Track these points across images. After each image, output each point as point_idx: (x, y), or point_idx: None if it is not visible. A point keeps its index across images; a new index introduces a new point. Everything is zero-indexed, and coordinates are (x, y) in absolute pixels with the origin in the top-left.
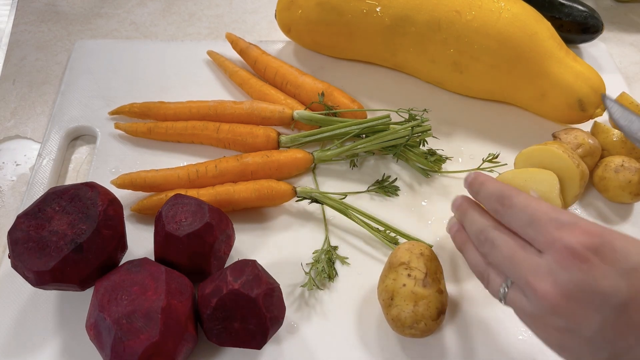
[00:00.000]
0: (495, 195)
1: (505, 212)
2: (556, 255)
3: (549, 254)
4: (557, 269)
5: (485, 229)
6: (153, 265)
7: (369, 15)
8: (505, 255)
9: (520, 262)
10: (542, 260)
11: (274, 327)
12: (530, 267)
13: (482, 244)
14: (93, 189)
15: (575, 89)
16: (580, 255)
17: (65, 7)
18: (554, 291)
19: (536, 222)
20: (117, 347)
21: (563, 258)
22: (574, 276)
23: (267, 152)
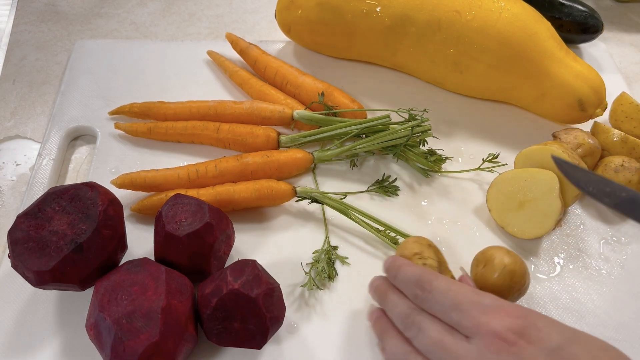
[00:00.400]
0: (414, 280)
1: (425, 297)
2: (485, 341)
3: (476, 339)
4: (487, 354)
5: (410, 313)
6: (153, 265)
7: (369, 15)
8: (434, 340)
9: (450, 348)
10: (471, 346)
11: (274, 327)
12: (460, 354)
13: (407, 329)
14: (93, 189)
15: (575, 89)
16: (508, 339)
17: (65, 7)
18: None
19: (459, 307)
20: (117, 347)
21: (492, 343)
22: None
23: (267, 152)
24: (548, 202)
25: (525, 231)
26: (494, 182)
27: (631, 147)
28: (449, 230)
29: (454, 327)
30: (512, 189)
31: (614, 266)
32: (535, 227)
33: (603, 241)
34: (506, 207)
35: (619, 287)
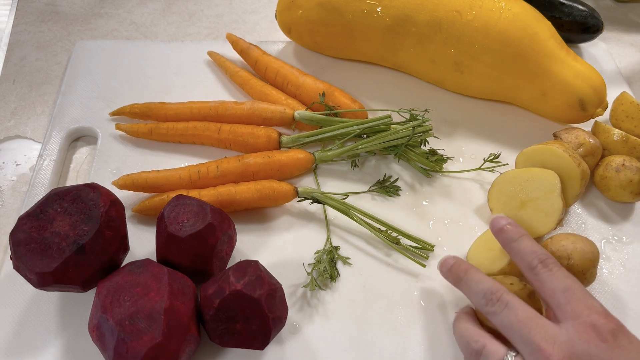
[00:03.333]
0: (540, 256)
1: (545, 272)
2: (578, 327)
3: (569, 324)
4: (576, 339)
5: (499, 290)
6: (155, 266)
7: (369, 16)
8: (521, 317)
9: (536, 327)
10: (560, 329)
11: (277, 327)
12: (546, 333)
13: (490, 303)
14: (95, 190)
15: (576, 88)
16: (601, 334)
17: (65, 7)
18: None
19: (571, 292)
20: (120, 348)
21: (585, 331)
22: (591, 350)
23: (268, 153)
24: (549, 202)
25: (527, 231)
26: (495, 182)
27: (632, 146)
28: (450, 230)
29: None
30: (513, 188)
31: (615, 265)
32: (537, 226)
33: (604, 240)
34: (507, 206)
35: (621, 286)
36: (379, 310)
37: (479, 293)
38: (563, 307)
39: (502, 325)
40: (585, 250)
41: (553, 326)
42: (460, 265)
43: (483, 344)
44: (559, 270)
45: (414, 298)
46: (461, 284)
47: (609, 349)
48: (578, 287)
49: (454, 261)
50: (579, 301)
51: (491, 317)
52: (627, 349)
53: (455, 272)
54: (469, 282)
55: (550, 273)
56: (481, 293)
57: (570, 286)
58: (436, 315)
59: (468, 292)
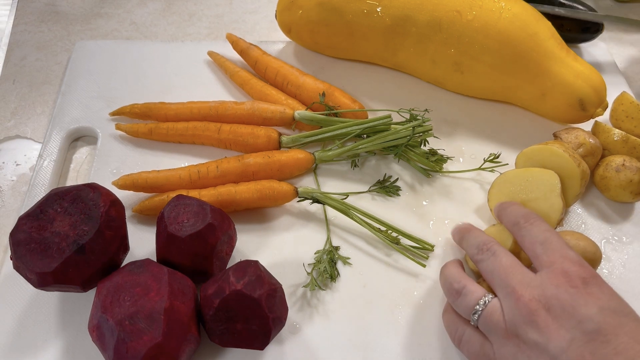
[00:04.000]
0: (524, 213)
1: (526, 227)
2: (550, 274)
3: (544, 272)
4: (547, 284)
5: (490, 242)
6: (155, 266)
7: (369, 16)
8: (503, 264)
9: (514, 273)
10: (535, 276)
11: (277, 327)
12: (522, 279)
13: (480, 252)
14: (95, 190)
15: (576, 88)
16: (572, 280)
17: (65, 7)
18: (536, 301)
19: (548, 244)
20: (120, 348)
21: (556, 277)
22: (560, 293)
23: (268, 153)
24: (549, 202)
25: None
26: (495, 182)
27: (632, 146)
28: (450, 230)
29: (532, 258)
30: (513, 188)
31: (615, 265)
32: None
33: (604, 240)
34: None
35: (621, 286)
36: (379, 310)
37: (473, 245)
38: (540, 257)
39: (486, 271)
40: (587, 250)
41: (529, 273)
42: (466, 226)
43: (464, 284)
44: (540, 224)
45: (414, 298)
46: (463, 241)
47: (577, 294)
48: (556, 239)
49: (464, 225)
50: (555, 251)
51: (478, 265)
52: (597, 296)
53: (460, 231)
54: (468, 238)
55: (531, 227)
56: (475, 244)
57: (548, 238)
58: (436, 315)
59: (466, 246)
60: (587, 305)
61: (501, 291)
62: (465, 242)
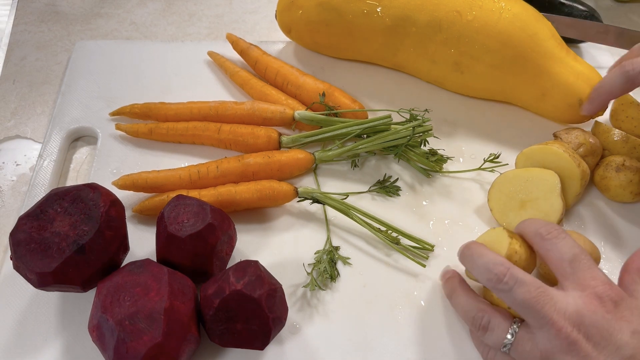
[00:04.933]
0: (544, 226)
1: (550, 241)
2: (585, 299)
3: (577, 295)
4: (584, 311)
5: (510, 269)
6: (155, 266)
7: (369, 16)
8: (532, 293)
9: (546, 301)
10: (567, 300)
11: (277, 327)
12: (556, 306)
13: (501, 283)
14: (95, 190)
15: (576, 88)
16: (605, 305)
17: (65, 7)
18: (577, 330)
19: (577, 263)
20: (120, 348)
21: (591, 302)
22: (597, 321)
23: (268, 153)
24: (549, 202)
25: None
26: (495, 182)
27: (632, 146)
28: (450, 230)
29: (560, 278)
30: (513, 188)
31: (615, 265)
32: None
33: (604, 240)
34: (507, 206)
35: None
36: (379, 310)
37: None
38: (570, 278)
39: (514, 302)
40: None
41: (561, 297)
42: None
43: (488, 318)
44: (566, 238)
45: (414, 298)
46: (472, 268)
47: (612, 320)
48: (584, 256)
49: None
50: (585, 271)
51: (501, 295)
52: (629, 319)
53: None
54: (477, 263)
55: (557, 241)
56: (491, 274)
57: (577, 256)
58: (436, 315)
59: (478, 273)
60: (622, 330)
61: (536, 322)
62: (478, 267)
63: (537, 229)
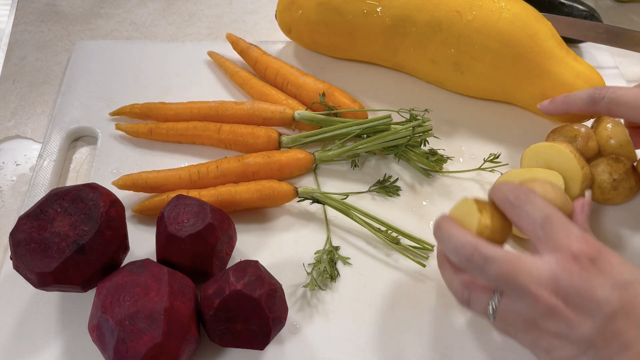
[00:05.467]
0: (512, 190)
1: (519, 207)
2: (560, 261)
3: (551, 257)
4: (559, 274)
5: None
6: (155, 266)
7: (369, 16)
8: (504, 269)
9: (520, 271)
10: (543, 265)
11: (277, 327)
12: (531, 275)
13: (471, 264)
14: (95, 190)
15: (576, 88)
16: (582, 263)
17: (65, 7)
18: (555, 296)
19: (548, 224)
20: (120, 348)
21: (566, 263)
22: (574, 281)
23: (268, 153)
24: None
25: None
26: (497, 182)
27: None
28: None
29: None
30: None
31: None
32: None
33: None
34: None
35: None
36: (379, 310)
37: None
38: (543, 241)
39: (487, 279)
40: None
41: (535, 264)
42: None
43: (468, 294)
44: (534, 200)
45: (414, 298)
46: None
47: (591, 277)
48: (556, 216)
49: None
50: (558, 232)
51: (475, 273)
52: (608, 273)
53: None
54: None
55: (525, 206)
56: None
57: (547, 216)
58: (436, 315)
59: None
60: (602, 286)
61: (514, 293)
62: (447, 250)
63: (505, 195)
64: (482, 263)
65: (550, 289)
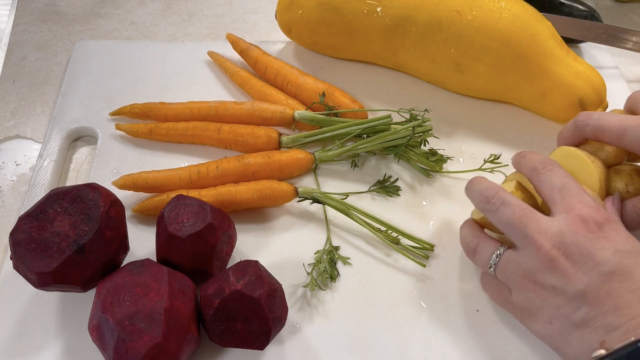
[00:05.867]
0: (542, 160)
1: (544, 173)
2: (568, 220)
3: (562, 217)
4: (566, 230)
5: (499, 192)
6: (155, 266)
7: (369, 16)
8: (516, 213)
9: (529, 221)
10: (552, 222)
11: (277, 327)
12: (538, 226)
13: (488, 202)
14: (95, 190)
15: (576, 88)
16: (589, 225)
17: (65, 7)
18: (556, 248)
19: (566, 190)
20: (120, 348)
21: (574, 222)
22: (578, 239)
23: (268, 153)
24: None
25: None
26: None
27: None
28: (450, 230)
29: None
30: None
31: None
32: None
33: None
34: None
35: None
36: (379, 310)
37: (478, 194)
38: (558, 203)
39: (499, 222)
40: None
41: (544, 219)
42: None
43: (477, 242)
44: (558, 170)
45: (414, 298)
46: (467, 191)
47: (594, 239)
48: (574, 185)
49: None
50: (573, 197)
51: (488, 215)
52: (613, 239)
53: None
54: (472, 188)
55: (549, 173)
56: (480, 194)
57: (566, 184)
58: (437, 315)
59: (471, 196)
60: (604, 248)
61: (519, 241)
62: (475, 192)
63: (535, 163)
64: (498, 205)
65: (554, 242)
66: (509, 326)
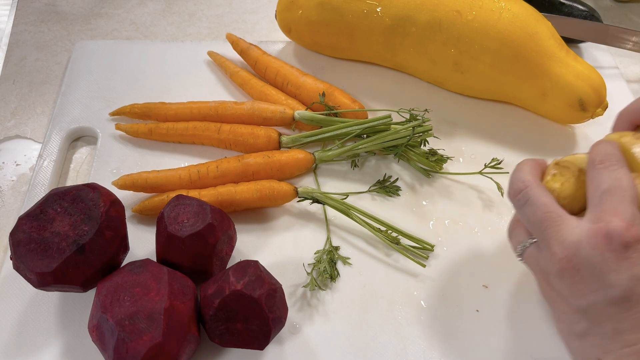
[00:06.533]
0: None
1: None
2: (591, 233)
3: (587, 226)
4: (584, 244)
5: (528, 187)
6: (155, 266)
7: (369, 16)
8: (537, 215)
9: (549, 225)
10: (574, 229)
11: (277, 327)
12: (557, 233)
13: (515, 199)
14: (95, 190)
15: (576, 88)
16: (612, 243)
17: (65, 7)
18: (567, 260)
19: (609, 195)
20: (119, 348)
21: (596, 237)
22: (593, 257)
23: (268, 153)
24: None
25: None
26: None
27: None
28: (450, 230)
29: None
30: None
31: None
32: None
33: None
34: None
35: None
36: (379, 310)
37: (511, 180)
38: (594, 208)
39: (522, 219)
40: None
41: (569, 225)
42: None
43: (513, 227)
44: (614, 169)
45: (414, 298)
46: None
47: (612, 259)
48: (621, 191)
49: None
50: (611, 205)
51: (515, 209)
52: (633, 262)
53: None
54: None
55: (603, 170)
56: (511, 181)
57: (613, 187)
58: (436, 315)
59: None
60: (619, 271)
61: (540, 242)
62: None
63: (594, 156)
64: (523, 202)
65: (567, 253)
66: (508, 326)
